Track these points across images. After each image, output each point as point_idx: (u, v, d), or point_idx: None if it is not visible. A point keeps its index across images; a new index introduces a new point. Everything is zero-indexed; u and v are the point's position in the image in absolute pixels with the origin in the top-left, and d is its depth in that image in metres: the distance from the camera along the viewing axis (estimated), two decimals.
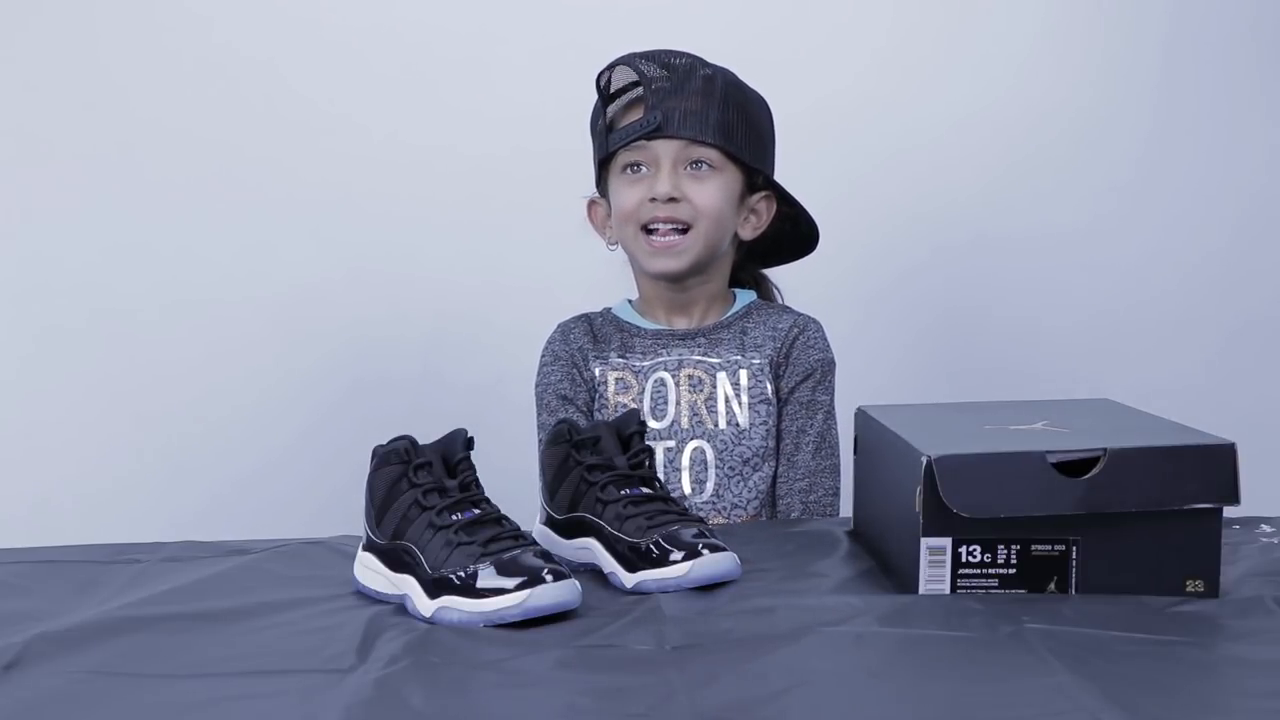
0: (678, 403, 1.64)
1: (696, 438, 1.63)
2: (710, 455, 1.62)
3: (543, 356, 1.72)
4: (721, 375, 1.64)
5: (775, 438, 1.63)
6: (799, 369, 1.65)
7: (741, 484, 1.61)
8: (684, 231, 1.62)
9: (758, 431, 1.62)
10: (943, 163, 2.17)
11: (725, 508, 1.60)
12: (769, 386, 1.64)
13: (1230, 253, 2.20)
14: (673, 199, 1.60)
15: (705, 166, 1.62)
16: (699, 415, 1.63)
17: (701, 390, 1.64)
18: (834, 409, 1.66)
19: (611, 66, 1.64)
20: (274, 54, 2.14)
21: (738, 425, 1.62)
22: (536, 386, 1.71)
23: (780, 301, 1.78)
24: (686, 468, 1.62)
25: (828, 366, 1.66)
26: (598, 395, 1.68)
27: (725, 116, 1.61)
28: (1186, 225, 2.20)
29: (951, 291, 2.22)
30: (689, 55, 1.63)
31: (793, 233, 1.73)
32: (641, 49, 1.64)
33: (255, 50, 2.14)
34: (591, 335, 1.72)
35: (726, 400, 1.63)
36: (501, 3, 2.16)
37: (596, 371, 1.69)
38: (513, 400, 2.11)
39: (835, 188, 1.79)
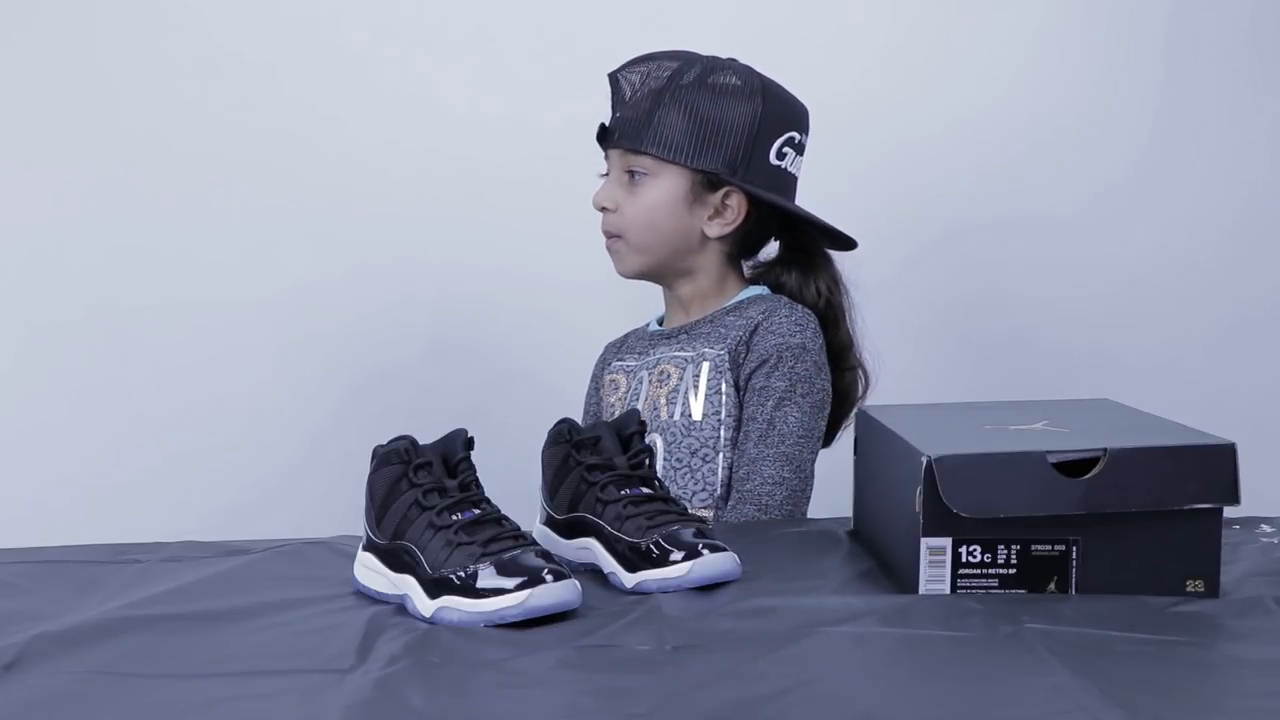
0: (645, 398, 1.67)
1: (652, 430, 1.63)
2: (660, 447, 1.62)
3: None
4: (689, 369, 1.65)
5: (735, 430, 1.62)
6: (755, 355, 1.63)
7: (689, 476, 1.61)
8: (619, 237, 1.69)
9: (709, 423, 1.62)
10: (941, 163, 2.17)
11: None
12: (726, 378, 1.63)
13: (1231, 252, 2.20)
14: (604, 208, 1.69)
15: (640, 174, 1.67)
16: (657, 409, 1.64)
17: (666, 384, 1.65)
18: (795, 396, 1.61)
19: (610, 75, 1.69)
20: (273, 57, 2.14)
21: (690, 417, 1.62)
22: None
23: (843, 289, 1.74)
24: None
25: (786, 352, 1.62)
26: (602, 400, 1.75)
27: (663, 120, 1.63)
28: (1187, 225, 2.19)
29: (949, 292, 2.22)
30: (661, 59, 1.66)
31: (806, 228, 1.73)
32: (657, 50, 1.68)
33: (254, 52, 2.14)
34: (619, 347, 1.80)
35: (685, 393, 1.63)
36: (501, 7, 2.16)
37: (605, 379, 1.76)
38: (513, 400, 2.12)
39: (834, 188, 1.78)
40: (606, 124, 1.68)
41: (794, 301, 1.70)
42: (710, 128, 1.64)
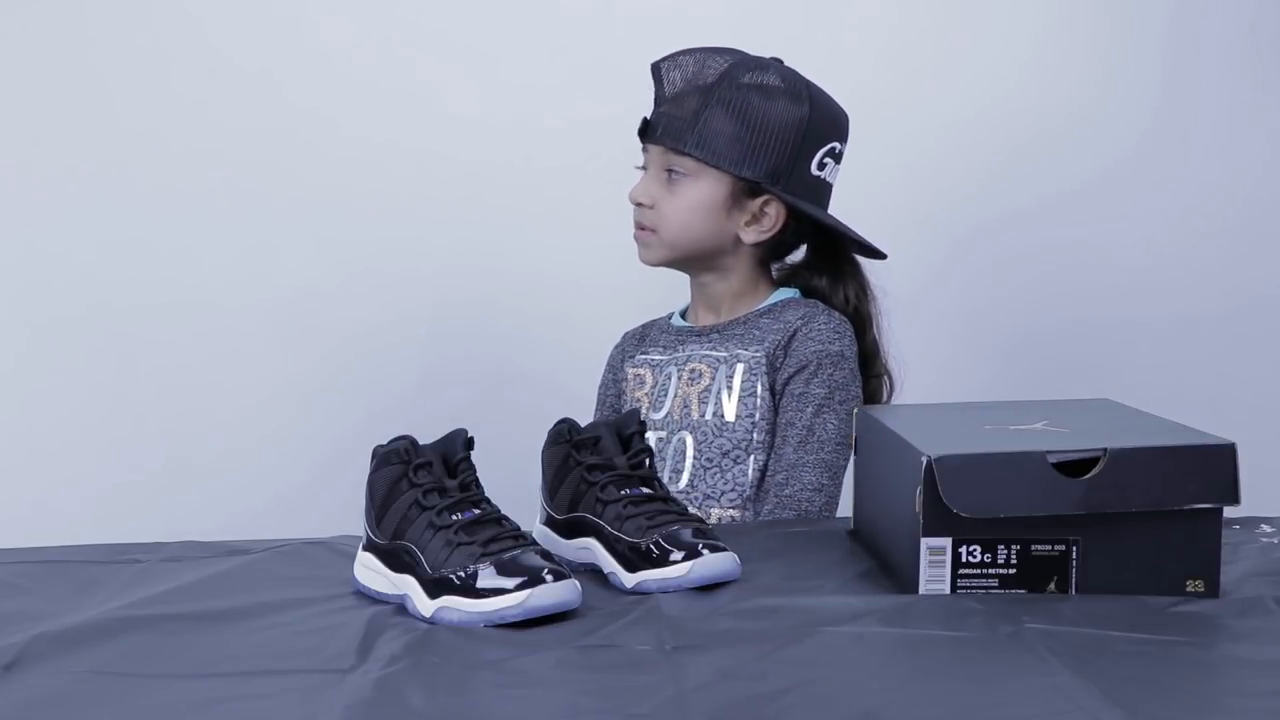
0: (675, 395, 1.66)
1: (683, 429, 1.64)
2: (690, 446, 1.62)
3: None
4: (722, 369, 1.65)
5: (768, 432, 1.63)
6: (794, 361, 1.63)
7: (719, 475, 1.61)
8: (653, 231, 1.68)
9: (742, 424, 1.62)
10: (937, 165, 2.16)
11: (698, 498, 1.61)
12: (761, 380, 1.63)
13: (1231, 252, 2.20)
14: (640, 204, 1.68)
15: (680, 174, 1.65)
16: (689, 407, 1.64)
17: (699, 383, 1.65)
18: (834, 403, 1.62)
19: (653, 64, 1.69)
20: (272, 58, 2.14)
21: (722, 417, 1.63)
22: None
23: (870, 296, 1.75)
24: (669, 457, 1.63)
25: (825, 359, 1.63)
26: (624, 393, 1.74)
27: (710, 123, 1.62)
28: (1187, 224, 2.19)
29: (949, 294, 2.21)
30: (709, 54, 1.65)
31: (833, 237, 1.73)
32: (706, 45, 1.68)
33: (254, 53, 2.14)
34: (639, 338, 1.79)
35: (718, 393, 1.63)
36: (501, 9, 2.16)
37: (626, 371, 1.75)
38: (513, 400, 2.12)
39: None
40: (649, 117, 1.67)
41: (830, 308, 1.70)
42: (756, 135, 1.63)
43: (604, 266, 2.08)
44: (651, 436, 1.63)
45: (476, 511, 1.15)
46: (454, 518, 1.14)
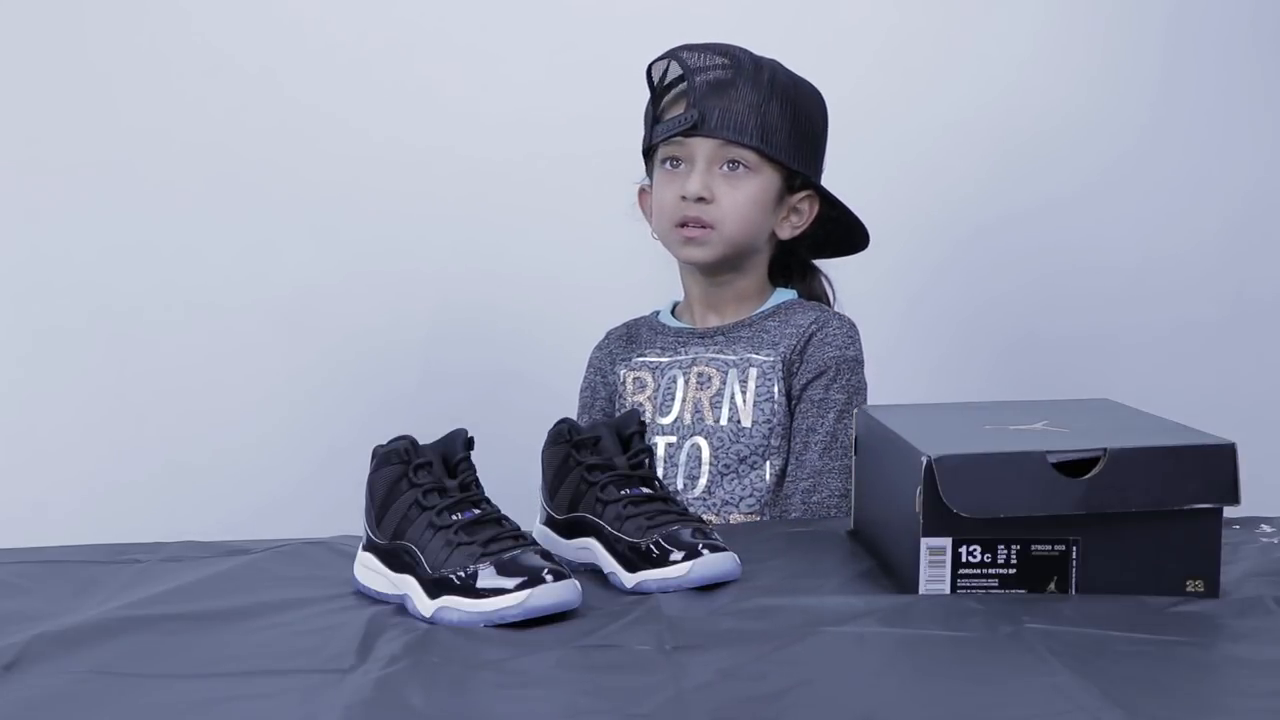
0: (684, 399, 1.65)
1: (696, 434, 1.63)
2: (706, 452, 1.62)
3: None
4: (732, 373, 1.64)
5: (784, 436, 1.62)
6: (812, 366, 1.63)
7: (736, 481, 1.61)
8: (710, 227, 1.64)
9: (759, 430, 1.62)
10: (937, 165, 2.16)
11: (716, 504, 1.60)
12: (777, 385, 1.63)
13: (1231, 252, 2.20)
14: (701, 198, 1.63)
15: (741, 167, 1.63)
16: (701, 412, 1.64)
17: (709, 387, 1.64)
18: (853, 408, 1.61)
19: (661, 58, 1.66)
20: (273, 57, 2.14)
21: (738, 423, 1.62)
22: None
23: (832, 298, 1.77)
24: (682, 463, 1.62)
25: (843, 365, 1.63)
26: (619, 396, 1.72)
27: (768, 117, 1.62)
28: (1186, 224, 2.19)
29: (948, 294, 2.21)
30: (740, 51, 1.65)
31: (838, 231, 1.73)
32: (703, 40, 1.66)
33: (255, 52, 2.14)
34: (626, 339, 1.77)
35: (732, 397, 1.63)
36: (502, 6, 2.16)
37: (620, 374, 1.72)
38: (512, 400, 2.12)
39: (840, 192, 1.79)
40: (700, 109, 1.61)
41: (837, 311, 1.71)
42: (805, 130, 1.65)
43: (605, 266, 2.08)
44: (660, 441, 1.63)
45: (476, 511, 1.15)
46: (454, 518, 1.14)
